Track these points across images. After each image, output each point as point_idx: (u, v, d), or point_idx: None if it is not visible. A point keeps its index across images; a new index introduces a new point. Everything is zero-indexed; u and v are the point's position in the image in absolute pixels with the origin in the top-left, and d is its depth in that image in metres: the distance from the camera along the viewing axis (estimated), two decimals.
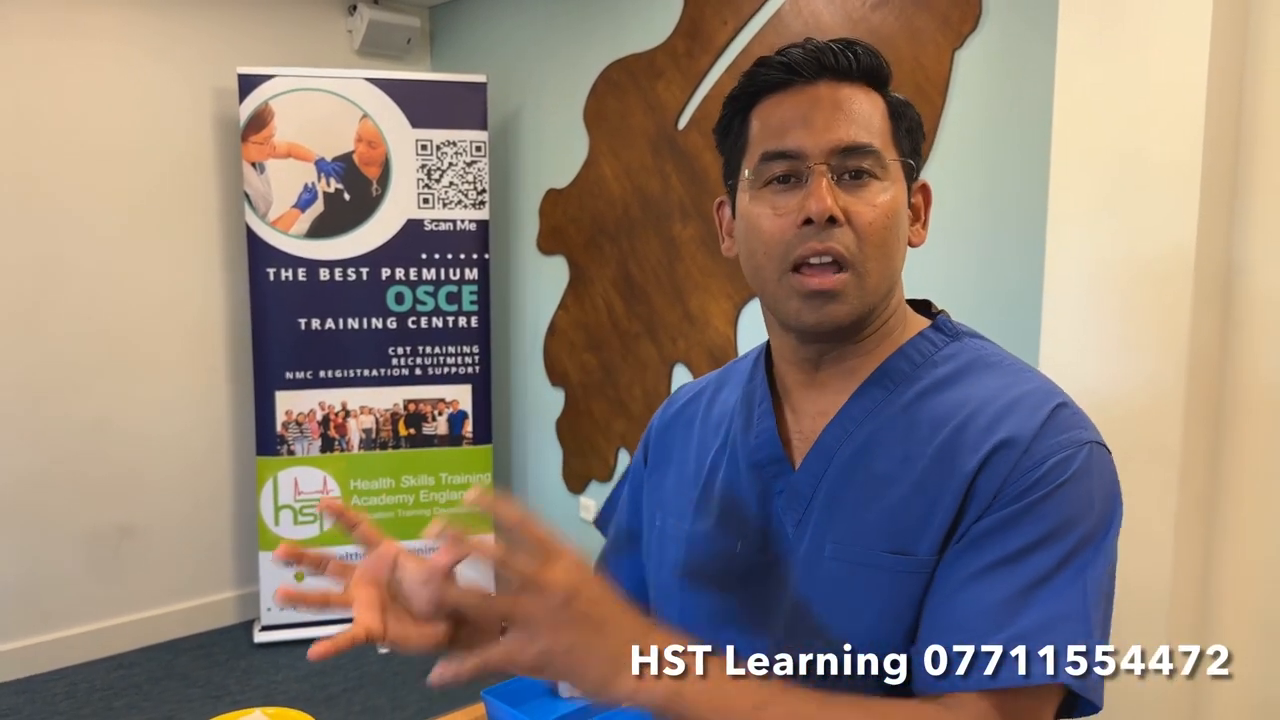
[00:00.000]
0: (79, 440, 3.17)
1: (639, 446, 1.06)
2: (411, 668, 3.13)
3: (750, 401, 0.92)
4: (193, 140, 3.33)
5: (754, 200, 0.83)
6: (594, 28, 3.14)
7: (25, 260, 3.04)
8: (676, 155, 2.90)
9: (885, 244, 0.80)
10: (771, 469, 0.86)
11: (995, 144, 2.15)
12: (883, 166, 0.81)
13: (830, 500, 0.82)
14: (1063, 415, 0.77)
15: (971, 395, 0.80)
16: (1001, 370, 0.82)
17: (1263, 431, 1.63)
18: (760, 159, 0.82)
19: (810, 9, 2.47)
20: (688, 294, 2.93)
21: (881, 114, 0.82)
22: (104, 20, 3.12)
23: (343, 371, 3.27)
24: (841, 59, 0.81)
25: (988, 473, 0.74)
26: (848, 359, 0.85)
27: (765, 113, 0.83)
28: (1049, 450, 0.74)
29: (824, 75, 0.82)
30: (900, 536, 0.77)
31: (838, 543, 0.80)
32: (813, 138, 0.79)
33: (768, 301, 0.85)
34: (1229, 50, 1.58)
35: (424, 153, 3.26)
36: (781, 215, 0.80)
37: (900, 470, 0.79)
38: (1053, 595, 0.71)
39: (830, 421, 0.84)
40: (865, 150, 0.80)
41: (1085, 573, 0.72)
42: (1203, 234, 1.56)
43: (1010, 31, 2.10)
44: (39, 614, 3.13)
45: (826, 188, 0.78)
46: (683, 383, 1.06)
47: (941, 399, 0.81)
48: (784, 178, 0.81)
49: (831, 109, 0.80)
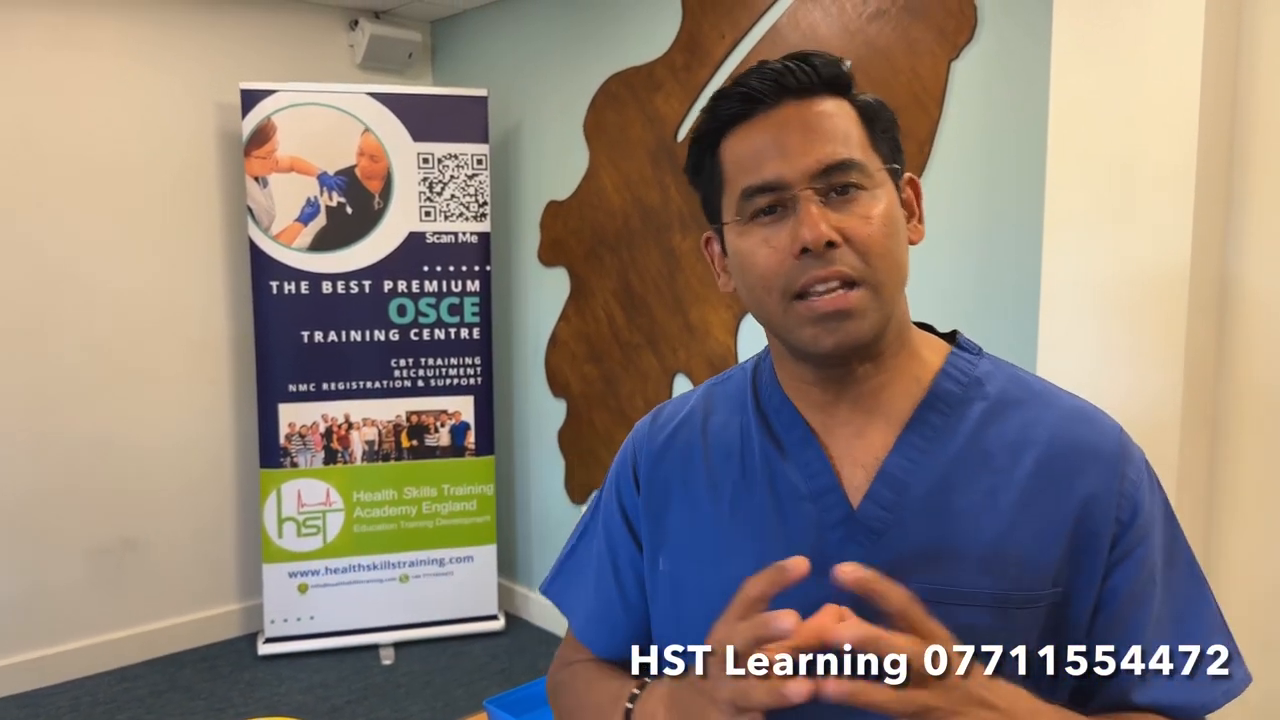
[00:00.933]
0: (83, 453, 3.19)
1: (621, 475, 0.96)
2: (414, 679, 3.13)
3: (770, 427, 0.86)
4: (195, 155, 3.35)
5: (743, 236, 0.80)
6: (593, 41, 3.16)
7: (28, 274, 3.06)
8: (676, 167, 2.92)
9: (889, 252, 0.77)
10: (827, 500, 0.81)
11: (991, 154, 2.16)
12: (868, 176, 0.77)
13: (910, 537, 0.78)
14: (1126, 438, 0.82)
15: (1036, 419, 0.81)
16: (1043, 389, 0.85)
17: (1260, 439, 1.64)
18: (742, 195, 0.79)
19: (807, 21, 2.49)
20: (688, 304, 2.94)
21: (854, 122, 0.79)
22: (107, 34, 3.14)
23: (345, 384, 3.28)
24: (800, 75, 0.78)
25: (1093, 513, 0.78)
26: (871, 376, 0.82)
27: (734, 146, 0.80)
28: (1133, 484, 0.80)
29: (786, 97, 0.78)
30: (1006, 575, 0.76)
31: (928, 583, 0.75)
32: (789, 164, 0.76)
33: (777, 332, 0.82)
34: (1223, 59, 1.60)
35: (425, 166, 3.28)
36: (775, 248, 0.77)
37: (987, 504, 0.78)
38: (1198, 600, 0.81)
39: (890, 452, 0.80)
40: (847, 165, 0.76)
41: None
42: (1198, 242, 1.57)
43: (1006, 42, 2.11)
44: (43, 627, 3.14)
45: (818, 213, 0.75)
46: (682, 393, 1.01)
47: (1007, 425, 0.80)
48: (770, 209, 0.78)
49: (803, 131, 0.77)
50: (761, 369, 0.91)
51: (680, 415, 0.94)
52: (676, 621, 0.87)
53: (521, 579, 3.74)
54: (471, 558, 3.44)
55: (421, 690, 3.07)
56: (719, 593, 0.78)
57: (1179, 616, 0.79)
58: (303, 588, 3.29)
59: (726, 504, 0.85)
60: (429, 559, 3.40)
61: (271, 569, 3.26)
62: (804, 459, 0.83)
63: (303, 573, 3.28)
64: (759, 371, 0.92)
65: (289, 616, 3.28)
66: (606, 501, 0.97)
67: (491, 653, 3.34)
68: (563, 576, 1.00)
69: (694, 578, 0.85)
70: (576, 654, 0.97)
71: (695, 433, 0.91)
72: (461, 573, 3.43)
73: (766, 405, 0.87)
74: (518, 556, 3.76)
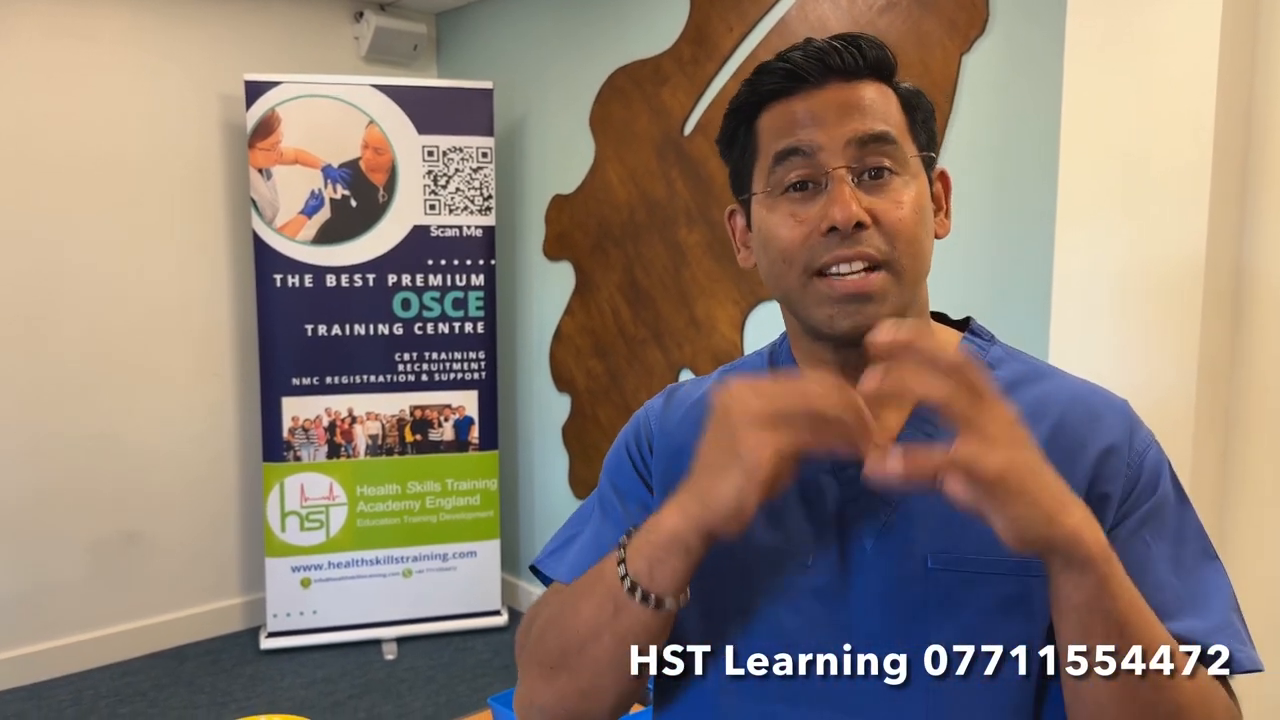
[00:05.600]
0: (85, 446, 3.18)
1: (632, 441, 0.93)
2: (417, 674, 3.12)
3: None
4: (199, 146, 3.34)
5: (771, 208, 0.79)
6: (600, 34, 3.15)
7: (31, 267, 3.04)
8: (682, 161, 2.90)
9: (916, 239, 0.76)
10: (847, 473, 0.79)
11: (1003, 149, 2.14)
12: (903, 162, 0.77)
13: (929, 508, 0.77)
14: (1134, 412, 0.83)
15: (1047, 395, 0.81)
16: (1053, 371, 0.86)
17: (1274, 434, 1.63)
18: (774, 159, 0.78)
19: (817, 14, 2.47)
20: (694, 299, 2.92)
21: (895, 107, 0.78)
22: (111, 26, 3.13)
23: (349, 377, 3.27)
24: (846, 56, 0.77)
25: (1104, 473, 0.77)
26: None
27: (772, 119, 0.79)
28: (1143, 444, 0.80)
29: (830, 77, 0.77)
30: None
31: (951, 554, 0.76)
32: (827, 132, 0.75)
33: (794, 308, 0.81)
34: (1238, 54, 1.58)
35: (430, 159, 3.26)
36: (802, 222, 0.76)
37: None
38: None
39: (904, 429, 0.80)
40: (884, 139, 0.76)
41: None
42: (1212, 238, 1.56)
43: (1018, 35, 2.09)
44: (45, 620, 3.13)
45: (850, 193, 0.74)
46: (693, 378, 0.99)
47: (1019, 399, 0.79)
48: (802, 184, 0.77)
49: (843, 107, 0.76)
50: (779, 354, 0.91)
51: (695, 396, 0.92)
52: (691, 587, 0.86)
53: (525, 574, 3.73)
54: (475, 553, 3.43)
55: (424, 685, 3.06)
56: (736, 558, 0.79)
57: (1191, 595, 0.77)
58: (305, 582, 3.28)
59: None
60: (432, 554, 3.39)
61: (274, 563, 3.25)
62: None
63: (305, 567, 3.27)
64: (776, 356, 0.91)
65: (291, 611, 3.28)
66: (610, 468, 0.93)
67: (494, 648, 3.33)
68: (560, 551, 0.93)
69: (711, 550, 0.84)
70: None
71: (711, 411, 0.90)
72: (465, 568, 3.42)
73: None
74: (521, 552, 3.75)
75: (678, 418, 0.91)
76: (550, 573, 0.90)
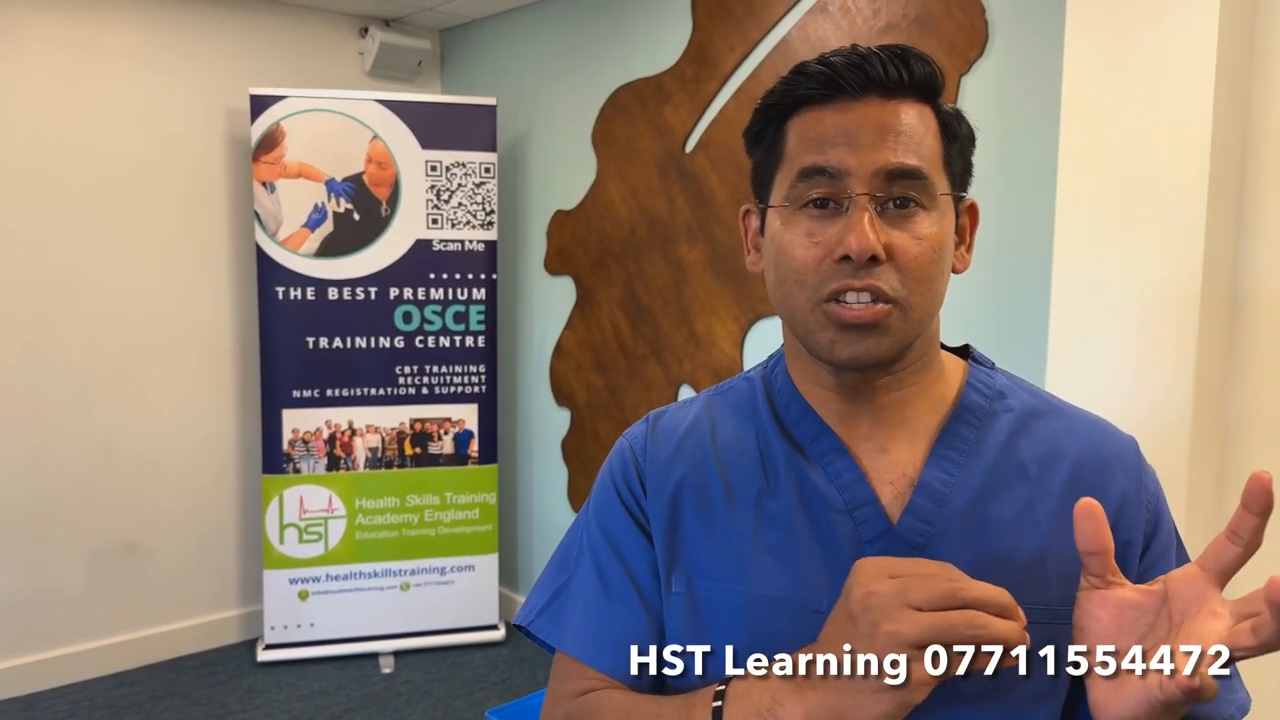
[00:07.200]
0: (86, 456, 3.18)
1: (620, 481, 0.86)
2: (414, 688, 3.12)
3: (791, 438, 0.82)
4: (204, 159, 3.36)
5: (787, 224, 0.75)
6: (603, 52, 3.17)
7: (34, 276, 3.06)
8: (684, 178, 2.92)
9: (929, 278, 0.73)
10: (863, 513, 0.77)
11: (1002, 168, 2.16)
12: (931, 196, 0.73)
13: (950, 551, 0.75)
14: (1140, 452, 0.84)
15: (1063, 431, 0.82)
16: (1058, 403, 0.86)
17: (1270, 452, 1.63)
18: (798, 175, 0.74)
19: (817, 34, 2.50)
20: (694, 315, 2.94)
21: (934, 134, 0.75)
22: (118, 39, 3.16)
23: (350, 390, 3.28)
24: (890, 70, 0.73)
25: (1124, 520, 0.78)
26: (891, 389, 0.79)
27: (804, 126, 0.75)
28: (1154, 487, 0.82)
29: (869, 90, 0.73)
30: (1049, 587, 0.75)
31: None
32: (857, 156, 0.72)
33: (797, 330, 0.78)
34: (1235, 70, 1.60)
35: (433, 174, 3.28)
36: (817, 244, 0.73)
37: (1025, 516, 0.77)
38: None
39: (926, 465, 0.78)
40: (914, 174, 0.72)
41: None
42: (1210, 254, 1.57)
43: (1016, 57, 2.12)
44: (42, 630, 3.13)
45: (869, 222, 0.70)
46: (672, 404, 0.94)
47: (1036, 437, 0.80)
48: (823, 202, 0.73)
49: (878, 130, 0.72)
50: (773, 378, 0.87)
51: (683, 426, 0.87)
52: (695, 640, 0.80)
53: (523, 589, 3.72)
54: (473, 567, 3.43)
55: (421, 699, 3.05)
56: (745, 608, 0.76)
57: None
58: (303, 594, 3.28)
59: (750, 518, 0.80)
60: (430, 567, 3.39)
61: (272, 575, 3.25)
62: (834, 470, 0.79)
63: (304, 579, 3.27)
64: (770, 380, 0.87)
65: (289, 623, 3.27)
66: (600, 509, 0.87)
67: (491, 663, 3.32)
68: (553, 607, 0.86)
69: (715, 594, 0.79)
70: (584, 681, 0.82)
71: (704, 445, 0.84)
72: (463, 582, 3.42)
73: (784, 415, 0.83)
74: (519, 566, 3.74)
75: (668, 451, 0.85)
76: (549, 640, 0.85)
